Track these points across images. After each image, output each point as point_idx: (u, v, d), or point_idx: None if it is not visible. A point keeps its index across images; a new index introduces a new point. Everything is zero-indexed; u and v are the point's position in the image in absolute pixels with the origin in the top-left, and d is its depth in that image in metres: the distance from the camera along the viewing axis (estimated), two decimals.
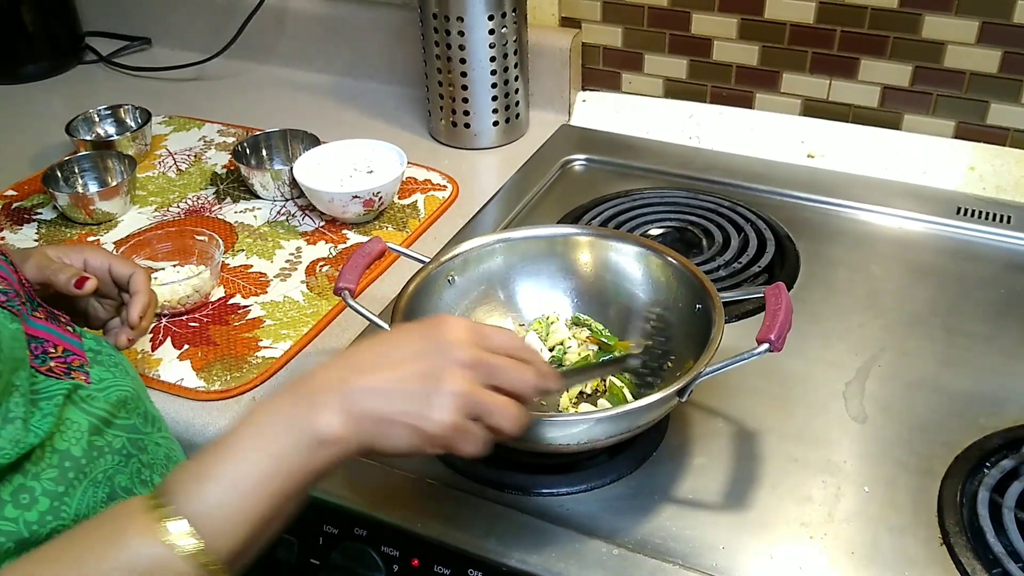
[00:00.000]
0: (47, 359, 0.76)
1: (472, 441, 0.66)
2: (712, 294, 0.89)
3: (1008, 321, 1.05)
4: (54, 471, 0.70)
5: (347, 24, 1.61)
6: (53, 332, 0.79)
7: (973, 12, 1.22)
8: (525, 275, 1.02)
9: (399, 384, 0.65)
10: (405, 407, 0.64)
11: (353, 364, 0.66)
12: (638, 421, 0.83)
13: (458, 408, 0.65)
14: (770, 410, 0.94)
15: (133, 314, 0.89)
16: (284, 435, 0.63)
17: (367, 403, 0.64)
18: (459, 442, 0.66)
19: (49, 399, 0.72)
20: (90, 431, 0.74)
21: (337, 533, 0.85)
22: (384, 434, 0.64)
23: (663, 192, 1.28)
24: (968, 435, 0.90)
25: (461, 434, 0.65)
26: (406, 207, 1.28)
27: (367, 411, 0.64)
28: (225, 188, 1.34)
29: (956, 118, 1.30)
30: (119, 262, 0.91)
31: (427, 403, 0.64)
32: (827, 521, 0.83)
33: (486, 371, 0.67)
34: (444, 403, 0.64)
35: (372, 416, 0.64)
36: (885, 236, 1.20)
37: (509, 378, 0.68)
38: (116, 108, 1.46)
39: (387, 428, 0.64)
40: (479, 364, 0.66)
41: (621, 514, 0.84)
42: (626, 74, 1.48)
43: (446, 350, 0.66)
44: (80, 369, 0.78)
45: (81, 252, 0.90)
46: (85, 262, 0.89)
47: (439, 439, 0.65)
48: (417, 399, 0.64)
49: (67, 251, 0.90)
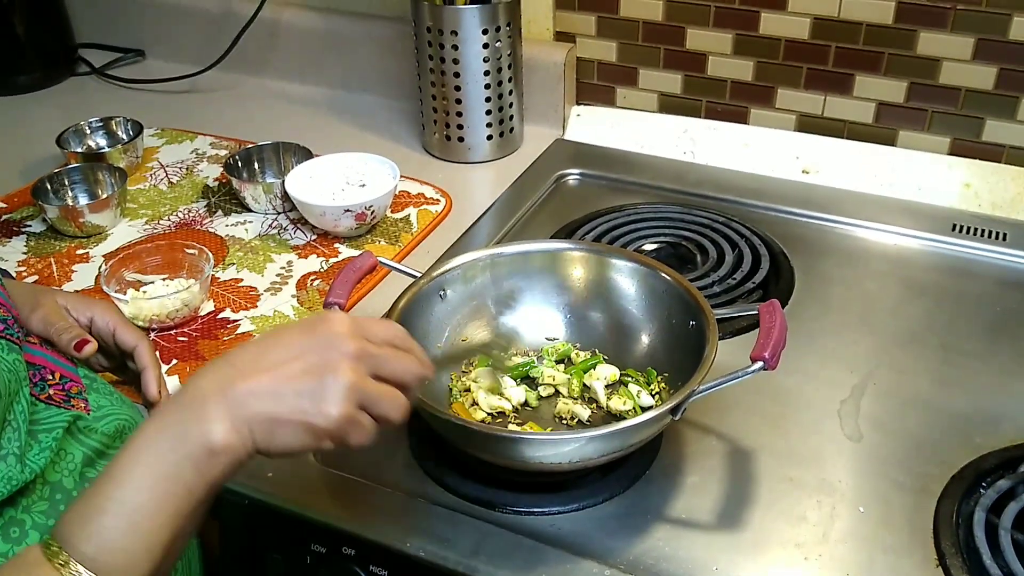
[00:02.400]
0: (46, 386, 0.75)
1: (362, 432, 0.65)
2: (706, 311, 0.89)
3: (1004, 339, 1.04)
4: (44, 504, 0.69)
5: (341, 37, 1.61)
6: (49, 358, 0.79)
7: (969, 29, 1.22)
8: (518, 290, 1.01)
9: (286, 383, 0.63)
10: (294, 405, 0.63)
11: (235, 367, 0.64)
12: (631, 439, 0.82)
13: (349, 400, 0.64)
14: (764, 428, 0.93)
15: (152, 391, 0.87)
16: (172, 452, 0.61)
17: (255, 406, 0.62)
18: (350, 434, 0.65)
19: (49, 431, 0.71)
20: (83, 463, 0.73)
21: (325, 552, 0.84)
22: (276, 434, 0.63)
23: (657, 207, 1.28)
24: (964, 454, 0.89)
25: (352, 426, 0.64)
26: (399, 221, 1.27)
27: (256, 414, 0.62)
28: (217, 201, 1.34)
29: (951, 135, 1.30)
30: (124, 329, 0.89)
31: (317, 398, 0.63)
32: (822, 542, 0.82)
33: (371, 362, 0.66)
34: (335, 396, 0.63)
35: (261, 418, 0.63)
36: (880, 253, 1.20)
37: (393, 367, 0.67)
38: (107, 120, 1.46)
39: (278, 428, 0.63)
40: (364, 355, 0.65)
41: (613, 534, 0.83)
42: (620, 89, 1.47)
43: (330, 344, 0.65)
44: (79, 396, 0.77)
45: (90, 308, 0.88)
46: (92, 320, 0.88)
47: (332, 432, 0.64)
48: (306, 396, 0.63)
49: (78, 303, 0.88)
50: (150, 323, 1.06)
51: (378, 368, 0.66)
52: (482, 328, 1.00)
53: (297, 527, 0.85)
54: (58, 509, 0.69)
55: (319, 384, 0.63)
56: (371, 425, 0.66)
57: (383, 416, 0.66)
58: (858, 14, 1.26)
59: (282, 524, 0.86)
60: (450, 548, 0.81)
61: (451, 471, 0.88)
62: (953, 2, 1.21)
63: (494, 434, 0.82)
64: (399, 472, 0.90)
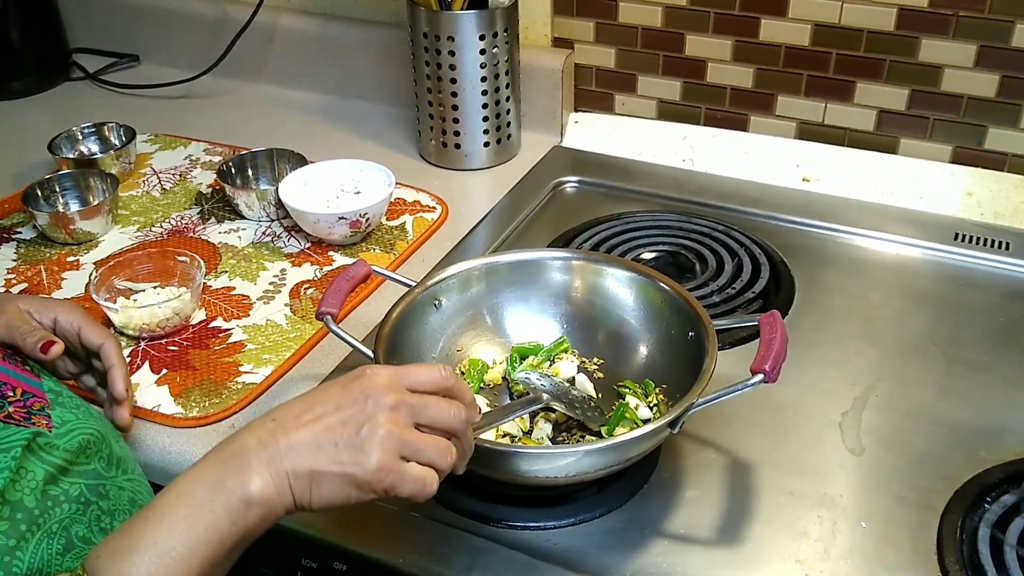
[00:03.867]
0: (5, 404, 0.73)
1: (412, 481, 0.65)
2: (705, 322, 0.87)
3: (1008, 350, 1.03)
4: (4, 523, 0.67)
5: (337, 43, 1.59)
6: (11, 373, 0.77)
7: (971, 36, 1.21)
8: (514, 300, 1.00)
9: (324, 436, 0.64)
10: (333, 458, 0.64)
11: (277, 422, 0.65)
12: (628, 453, 0.80)
13: (386, 450, 0.64)
14: (764, 441, 0.92)
15: (119, 389, 0.88)
16: (210, 501, 0.62)
17: (294, 460, 0.63)
18: (398, 484, 0.65)
19: (7, 451, 0.69)
20: (45, 480, 0.71)
21: (316, 567, 0.83)
22: (316, 488, 0.64)
23: (656, 215, 1.27)
24: (968, 468, 0.87)
25: (396, 476, 0.64)
26: (394, 229, 1.26)
27: (294, 468, 0.63)
28: (210, 208, 1.32)
29: (953, 142, 1.28)
30: (90, 328, 0.89)
31: (355, 450, 0.64)
32: (823, 558, 0.80)
33: (410, 411, 0.66)
34: (372, 447, 0.64)
35: (300, 472, 0.63)
36: (882, 262, 1.18)
37: (434, 415, 0.67)
38: (100, 126, 1.44)
39: (318, 481, 0.64)
40: (402, 405, 0.66)
41: (610, 549, 0.81)
42: (619, 95, 1.46)
43: (368, 396, 0.65)
44: (41, 412, 0.75)
45: (53, 309, 0.88)
46: (56, 321, 0.88)
47: (374, 484, 0.64)
48: (344, 448, 0.64)
49: (40, 306, 0.88)
50: (140, 332, 1.05)
51: (418, 416, 0.67)
52: (477, 338, 0.99)
53: (288, 542, 0.84)
54: (19, 528, 0.68)
55: (354, 437, 0.64)
56: (422, 474, 0.65)
57: (430, 463, 0.66)
58: (859, 21, 1.25)
59: (273, 538, 0.83)
60: (445, 564, 0.79)
61: (445, 485, 0.86)
62: (955, 9, 1.20)
63: (490, 448, 0.81)
64: None
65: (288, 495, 0.63)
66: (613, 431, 0.89)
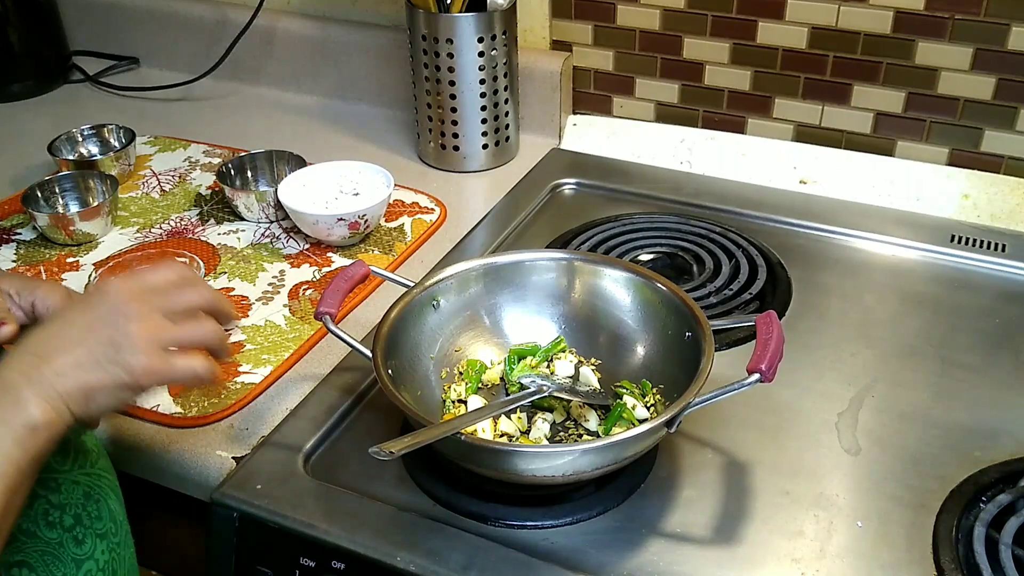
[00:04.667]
0: None
1: (183, 369, 0.71)
2: (702, 322, 0.88)
3: (1003, 352, 1.03)
4: None
5: (336, 45, 1.60)
6: None
7: (967, 38, 1.21)
8: (512, 301, 1.00)
9: (85, 357, 0.68)
10: (100, 371, 0.68)
11: (34, 355, 0.68)
12: (625, 452, 0.80)
13: (148, 352, 0.69)
14: (761, 441, 0.92)
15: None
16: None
17: (64, 383, 0.67)
18: (170, 372, 0.70)
19: None
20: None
21: (314, 566, 0.83)
22: (94, 400, 0.68)
23: (653, 217, 1.27)
24: (963, 469, 0.88)
25: (167, 368, 0.70)
26: (393, 230, 1.26)
27: (67, 390, 0.67)
28: (209, 209, 1.32)
29: (950, 145, 1.29)
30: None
31: (118, 362, 0.68)
32: (819, 557, 0.80)
33: (158, 309, 0.71)
34: (133, 353, 0.68)
35: (73, 391, 0.67)
36: (878, 264, 1.19)
37: (181, 300, 0.73)
38: (100, 128, 1.44)
39: (94, 394, 0.68)
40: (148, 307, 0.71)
41: (607, 548, 0.81)
42: (617, 98, 1.46)
43: (115, 311, 0.70)
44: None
45: (33, 291, 0.85)
46: (33, 304, 0.84)
47: (147, 378, 0.69)
48: (109, 359, 0.68)
49: (21, 286, 0.85)
50: None
51: (166, 306, 0.72)
52: (475, 339, 0.99)
53: (286, 541, 0.84)
54: None
55: (115, 344, 0.68)
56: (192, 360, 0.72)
57: (196, 343, 0.72)
58: (856, 23, 1.26)
59: (271, 537, 0.85)
60: (441, 563, 0.79)
61: (443, 484, 0.87)
62: (951, 12, 1.20)
63: (487, 446, 0.81)
64: (390, 485, 0.88)
65: (67, 413, 0.67)
66: (610, 431, 0.89)
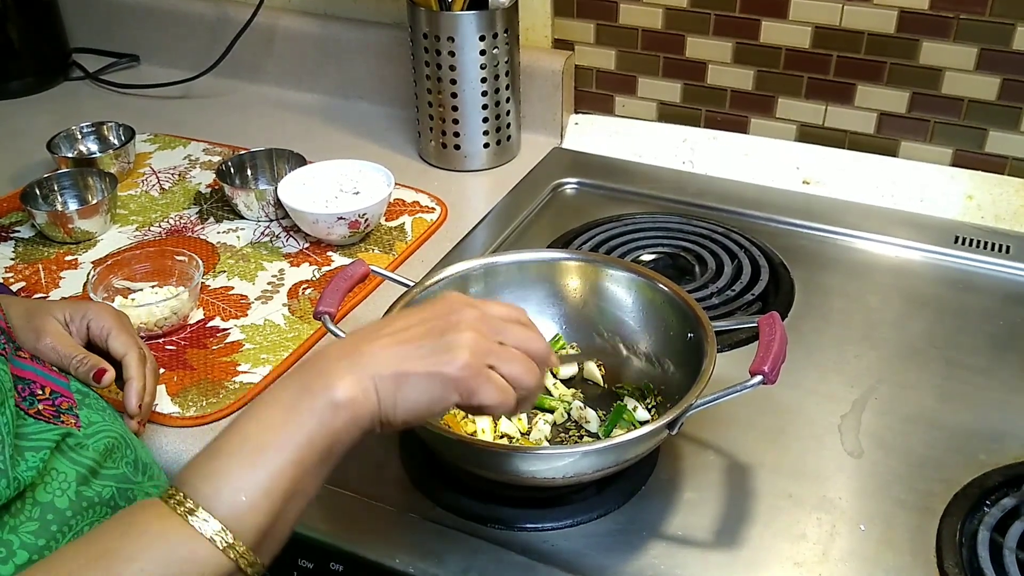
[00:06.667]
0: (35, 401, 0.73)
1: (496, 388, 0.64)
2: (704, 323, 0.87)
3: (1008, 354, 1.02)
4: (34, 524, 0.67)
5: (337, 44, 1.59)
6: (39, 372, 0.77)
7: (972, 39, 1.20)
8: (512, 300, 0.99)
9: (409, 344, 0.64)
10: (419, 360, 0.64)
11: (358, 336, 0.65)
12: (626, 454, 0.80)
13: (474, 351, 0.64)
14: (763, 443, 0.91)
15: (131, 404, 0.86)
16: (297, 406, 0.61)
17: (380, 365, 0.63)
18: (483, 387, 0.64)
19: (36, 451, 0.69)
20: (78, 481, 0.71)
21: (312, 568, 0.82)
22: (403, 390, 0.63)
23: (655, 217, 1.26)
24: (967, 472, 0.87)
25: (483, 378, 0.64)
26: (393, 229, 1.26)
27: (381, 371, 0.63)
28: (209, 208, 1.32)
29: (954, 146, 1.28)
30: (115, 337, 0.87)
31: (441, 351, 0.64)
32: (822, 560, 0.80)
33: (493, 328, 0.66)
34: (459, 347, 0.64)
35: (387, 374, 0.63)
36: (882, 265, 1.18)
37: (518, 337, 0.67)
38: (99, 125, 1.44)
39: (404, 382, 0.63)
40: (486, 321, 0.66)
41: (608, 551, 0.81)
42: (619, 97, 1.46)
43: (451, 311, 0.66)
44: (70, 412, 0.75)
45: (85, 315, 0.87)
46: (88, 327, 0.87)
47: (460, 383, 0.63)
48: (429, 351, 0.64)
49: (73, 314, 0.87)
50: (138, 331, 1.04)
51: (499, 334, 0.67)
52: None
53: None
54: (49, 529, 0.68)
55: (443, 339, 0.64)
56: (503, 384, 0.65)
57: (513, 377, 0.65)
58: (860, 23, 1.25)
59: None
60: (440, 565, 0.79)
61: (442, 485, 0.86)
62: (956, 12, 1.20)
63: (487, 448, 0.81)
64: (389, 486, 0.88)
65: (374, 398, 0.63)
66: (610, 432, 0.88)
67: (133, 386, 0.86)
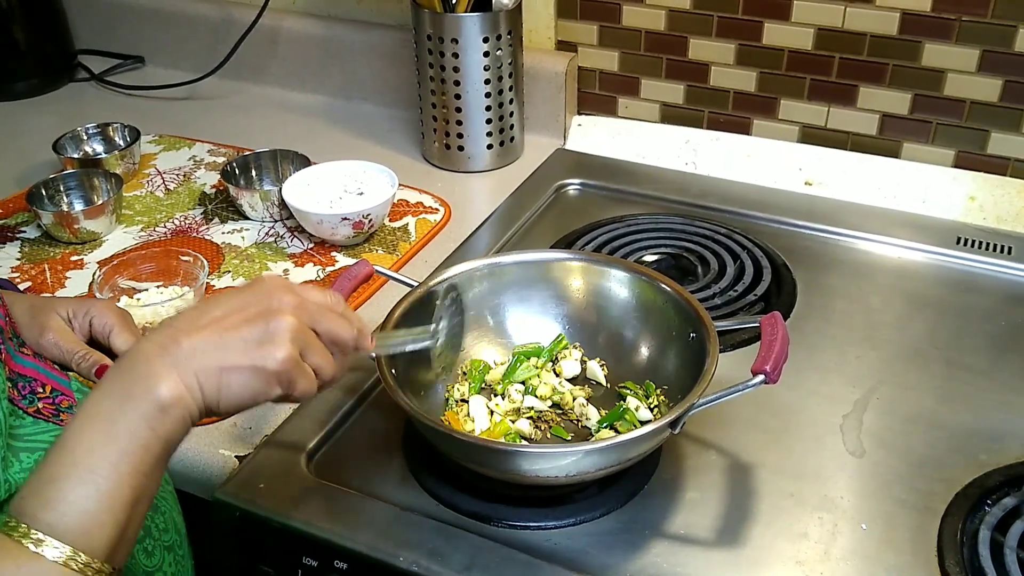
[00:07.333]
0: (35, 399, 0.73)
1: (308, 378, 0.67)
2: (706, 323, 0.87)
3: (1009, 355, 1.03)
4: None
5: (341, 45, 1.60)
6: (40, 370, 0.77)
7: (974, 40, 1.21)
8: (515, 301, 1.00)
9: (229, 334, 0.64)
10: (240, 352, 0.64)
11: (176, 327, 0.64)
12: (629, 453, 0.80)
13: (294, 342, 0.65)
14: (765, 443, 0.92)
15: None
16: (122, 413, 0.60)
17: (200, 359, 0.63)
18: (298, 379, 0.66)
19: (31, 452, 0.69)
20: None
21: (316, 565, 0.83)
22: (226, 384, 0.63)
23: (658, 218, 1.27)
24: (968, 472, 0.87)
25: (299, 370, 0.66)
26: (397, 230, 1.26)
27: (202, 366, 0.63)
28: (213, 208, 1.32)
29: (956, 147, 1.28)
30: (118, 334, 0.88)
31: (263, 341, 0.64)
32: (823, 560, 0.80)
33: (308, 315, 0.67)
34: (280, 339, 0.64)
35: (208, 369, 0.63)
36: (884, 266, 1.18)
37: (330, 325, 0.69)
38: (104, 126, 1.44)
39: (227, 377, 0.63)
40: (303, 307, 0.67)
41: (611, 549, 0.81)
42: (622, 99, 1.46)
43: (270, 295, 0.66)
44: (69, 411, 0.75)
45: (88, 312, 0.88)
46: (91, 323, 0.87)
47: (281, 375, 0.65)
48: (254, 341, 0.64)
49: (76, 311, 0.87)
50: (143, 330, 1.05)
51: (315, 323, 0.68)
52: (479, 339, 0.99)
53: (289, 540, 0.84)
54: None
55: (263, 329, 0.64)
56: (312, 375, 0.68)
57: (317, 368, 0.68)
58: (862, 25, 1.25)
59: (274, 537, 0.84)
60: (443, 563, 0.79)
61: (446, 484, 0.87)
62: (958, 13, 1.20)
63: (490, 446, 0.81)
64: (393, 484, 0.88)
65: (199, 393, 0.63)
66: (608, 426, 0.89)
67: None
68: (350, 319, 0.72)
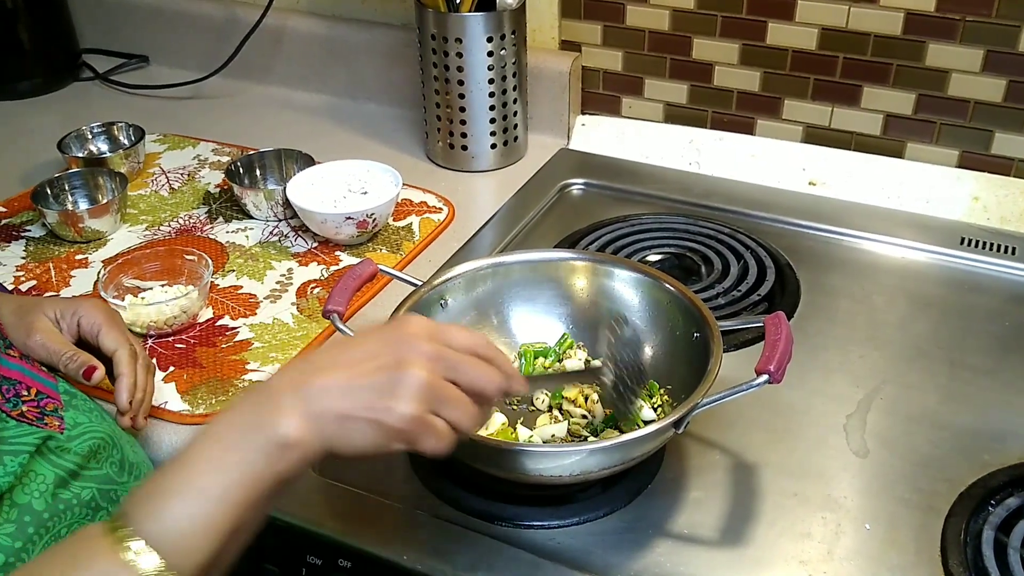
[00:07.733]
0: (19, 403, 0.73)
1: (435, 436, 0.63)
2: (710, 323, 0.87)
3: (1012, 355, 1.03)
4: (11, 526, 0.68)
5: (345, 45, 1.60)
6: (27, 372, 0.77)
7: (978, 40, 1.21)
8: (519, 300, 1.00)
9: (359, 379, 0.62)
10: (366, 401, 0.62)
11: (311, 365, 0.63)
12: (632, 453, 0.80)
13: (421, 398, 0.62)
14: (769, 443, 0.92)
15: (122, 399, 0.86)
16: (244, 442, 0.60)
17: (327, 402, 0.61)
18: (422, 436, 0.63)
19: (15, 455, 0.69)
20: (55, 483, 0.71)
21: (321, 564, 0.83)
22: (346, 432, 0.62)
23: (662, 218, 1.27)
24: (972, 472, 0.87)
25: (424, 427, 0.62)
26: (401, 229, 1.26)
27: (327, 410, 0.61)
28: (218, 207, 1.33)
29: (960, 147, 1.28)
30: (107, 332, 0.88)
31: (388, 395, 0.62)
32: (827, 559, 0.80)
33: (447, 364, 0.64)
34: (406, 393, 0.62)
35: (332, 414, 0.61)
36: (887, 266, 1.18)
37: (471, 374, 0.65)
38: (109, 125, 1.45)
39: (349, 425, 0.62)
40: (440, 357, 0.64)
41: (614, 549, 0.81)
42: (626, 98, 1.46)
43: (406, 343, 0.64)
44: (54, 414, 0.75)
45: (76, 312, 0.88)
46: (79, 324, 0.88)
47: (402, 433, 0.62)
48: (378, 392, 0.62)
49: (64, 311, 0.88)
50: (148, 329, 1.05)
51: (454, 372, 0.64)
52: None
53: (293, 539, 0.84)
54: (26, 532, 0.68)
55: (391, 380, 0.62)
56: (445, 430, 0.64)
57: (454, 422, 0.64)
58: (866, 25, 1.25)
59: (278, 535, 0.84)
60: (448, 562, 0.79)
61: (450, 483, 0.87)
62: (962, 13, 1.20)
63: (494, 446, 0.81)
64: (397, 484, 0.88)
65: (321, 437, 0.61)
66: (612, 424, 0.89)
67: (124, 382, 0.87)
68: (498, 362, 0.67)
